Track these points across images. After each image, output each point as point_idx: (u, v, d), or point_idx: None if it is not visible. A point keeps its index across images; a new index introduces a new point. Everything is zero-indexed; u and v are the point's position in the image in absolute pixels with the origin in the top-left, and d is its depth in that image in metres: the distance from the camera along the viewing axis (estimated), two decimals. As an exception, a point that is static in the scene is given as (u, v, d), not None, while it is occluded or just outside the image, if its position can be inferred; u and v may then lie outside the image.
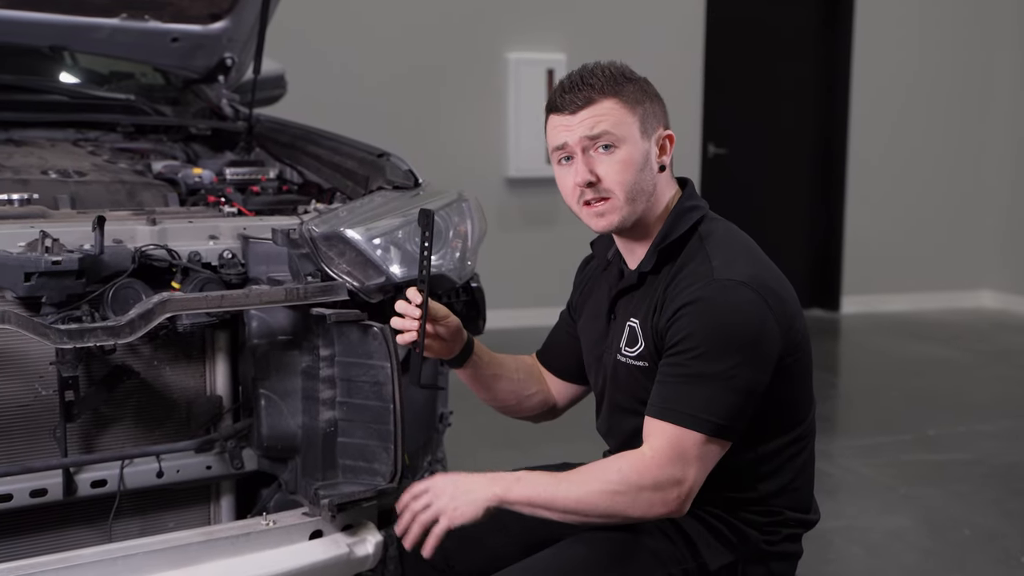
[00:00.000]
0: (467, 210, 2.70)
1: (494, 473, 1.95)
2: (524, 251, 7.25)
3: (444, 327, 2.16)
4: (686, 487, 1.86)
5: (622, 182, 1.97)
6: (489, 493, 1.91)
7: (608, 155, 1.97)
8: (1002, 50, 8.53)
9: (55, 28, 3.17)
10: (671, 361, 1.90)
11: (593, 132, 1.96)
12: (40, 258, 2.18)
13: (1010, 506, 4.21)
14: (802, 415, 2.07)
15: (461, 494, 1.92)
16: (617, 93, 1.97)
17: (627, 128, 1.97)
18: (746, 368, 1.87)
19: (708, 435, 1.85)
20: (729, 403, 1.86)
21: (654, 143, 2.01)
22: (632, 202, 1.98)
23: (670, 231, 2.02)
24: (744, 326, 1.88)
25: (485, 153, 7.38)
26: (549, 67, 7.44)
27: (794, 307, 1.99)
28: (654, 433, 1.88)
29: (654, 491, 1.84)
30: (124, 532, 2.42)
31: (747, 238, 2.06)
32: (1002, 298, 8.61)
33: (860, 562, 3.65)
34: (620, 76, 2.00)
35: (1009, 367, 6.71)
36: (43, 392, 2.31)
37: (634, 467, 1.86)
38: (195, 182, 2.91)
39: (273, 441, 2.45)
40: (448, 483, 1.94)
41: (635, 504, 1.86)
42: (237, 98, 3.51)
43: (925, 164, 8.52)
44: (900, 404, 5.77)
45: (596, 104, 1.97)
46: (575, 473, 1.92)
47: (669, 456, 1.85)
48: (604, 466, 1.90)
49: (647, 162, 2.00)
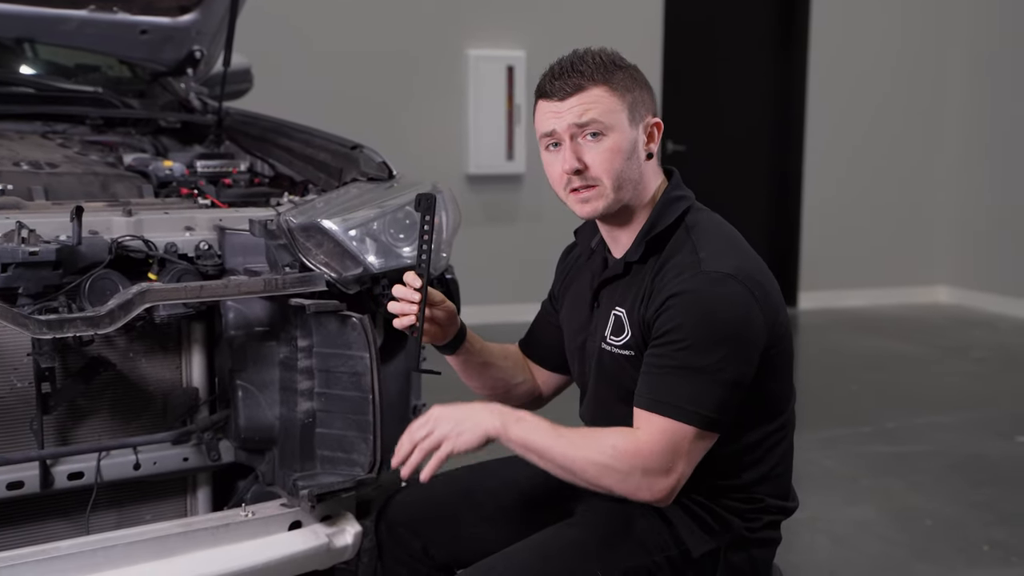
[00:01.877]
0: (442, 202, 2.70)
1: (495, 405, 1.95)
2: (484, 248, 7.27)
3: (442, 311, 2.17)
4: (674, 478, 1.87)
5: (609, 170, 1.98)
6: (491, 424, 1.91)
7: (596, 143, 1.98)
8: (954, 49, 8.65)
9: (22, 20, 3.14)
10: (659, 352, 1.91)
11: (581, 120, 1.97)
12: (17, 249, 2.17)
13: (970, 496, 4.27)
14: (783, 405, 2.09)
15: (464, 420, 1.91)
16: (607, 80, 1.98)
17: (615, 116, 1.98)
18: (733, 361, 1.88)
19: (699, 428, 1.87)
20: (717, 396, 1.87)
21: (642, 131, 2.02)
22: (618, 190, 1.99)
23: (657, 221, 2.03)
24: (731, 319, 1.89)
25: (445, 150, 7.38)
26: (509, 64, 7.46)
27: (777, 299, 2.01)
28: (646, 423, 1.89)
29: (643, 476, 1.86)
30: (101, 524, 2.40)
31: (732, 229, 2.07)
32: (957, 293, 8.73)
33: (826, 552, 3.69)
34: (610, 63, 2.00)
35: (965, 361, 6.81)
36: (18, 384, 2.29)
37: (628, 448, 1.86)
38: (166, 175, 2.89)
39: (251, 432, 2.44)
40: (450, 411, 1.93)
41: (623, 482, 1.87)
42: (206, 91, 3.49)
43: (880, 162, 8.62)
44: (859, 398, 5.84)
45: (585, 91, 1.97)
46: (573, 432, 1.91)
47: (662, 446, 1.86)
48: (599, 437, 1.90)
49: (635, 150, 2.01)
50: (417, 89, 7.32)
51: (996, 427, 5.25)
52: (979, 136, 8.54)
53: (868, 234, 8.65)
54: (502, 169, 7.54)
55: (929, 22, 8.64)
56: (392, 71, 7.22)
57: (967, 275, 8.67)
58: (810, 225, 8.50)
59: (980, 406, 5.68)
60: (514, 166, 7.54)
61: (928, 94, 8.72)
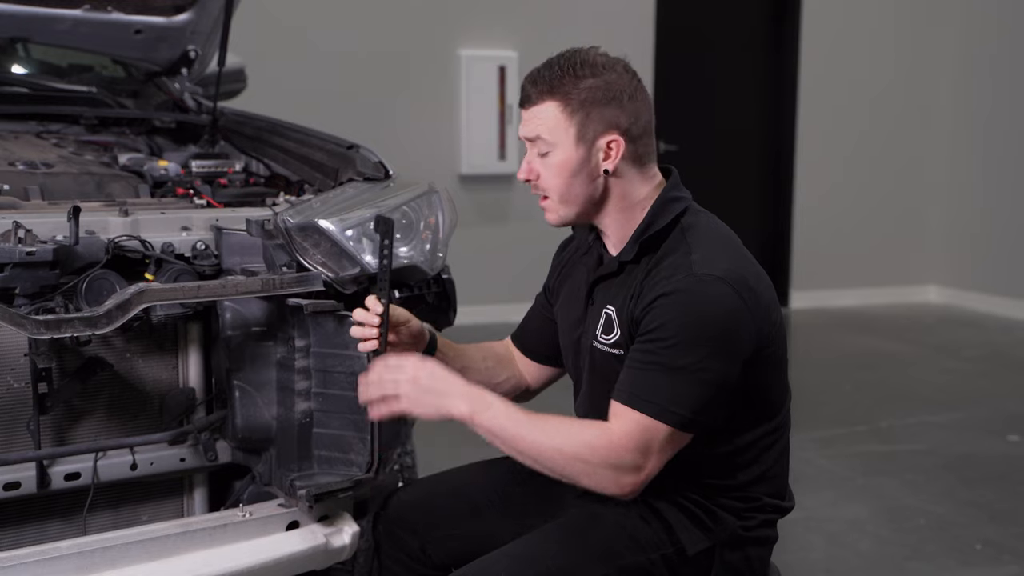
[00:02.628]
0: (437, 202, 2.70)
1: (470, 388, 1.94)
2: (476, 248, 7.25)
3: (406, 331, 2.16)
4: (643, 475, 1.87)
5: (554, 186, 2.00)
6: (458, 409, 1.92)
7: (543, 159, 2.00)
8: (945, 51, 8.67)
9: (16, 19, 3.11)
10: (642, 348, 1.91)
11: (530, 135, 2.01)
12: (14, 249, 2.16)
13: (963, 495, 4.29)
14: (779, 406, 2.09)
15: (433, 391, 1.93)
16: (562, 95, 1.96)
17: (559, 134, 1.97)
18: (716, 362, 1.87)
19: (674, 428, 1.87)
20: (696, 397, 1.87)
21: (596, 149, 1.99)
22: (567, 204, 2.02)
23: (652, 221, 2.02)
24: (717, 321, 1.88)
25: (437, 150, 7.39)
26: (501, 64, 7.47)
27: (769, 303, 1.99)
28: (622, 418, 1.88)
29: (612, 470, 1.86)
30: (97, 525, 2.39)
31: (728, 231, 2.06)
32: (947, 293, 8.76)
33: (820, 551, 3.70)
34: (573, 75, 1.96)
35: (956, 360, 6.83)
36: (15, 384, 2.28)
37: (600, 441, 1.86)
38: (161, 174, 2.88)
39: (248, 432, 2.43)
40: (424, 375, 1.94)
41: (590, 475, 1.87)
42: (200, 91, 3.48)
43: (871, 162, 8.65)
44: (852, 397, 5.86)
45: (537, 104, 1.99)
46: (543, 421, 1.91)
47: (636, 442, 1.86)
48: (571, 428, 1.91)
49: (583, 168, 1.99)
50: (409, 89, 7.32)
51: (988, 426, 5.27)
52: (969, 137, 8.57)
53: (859, 234, 8.67)
54: (494, 169, 7.55)
55: (920, 24, 8.66)
56: (384, 71, 7.22)
57: (957, 275, 8.69)
58: (801, 225, 8.53)
59: (972, 405, 5.71)
60: (506, 166, 7.54)
61: (919, 96, 8.74)
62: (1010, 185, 8.22)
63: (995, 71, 8.34)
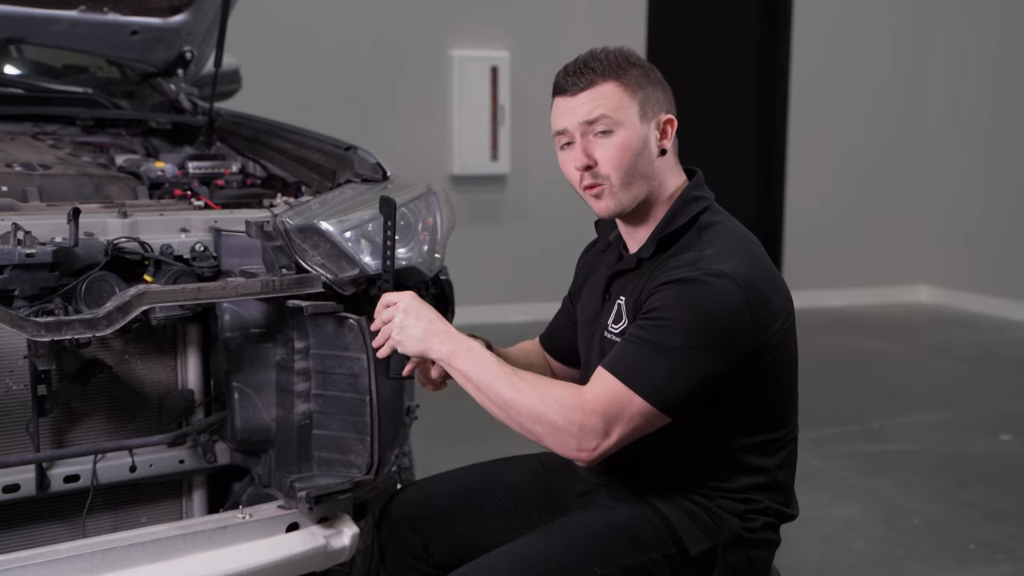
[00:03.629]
0: (435, 203, 2.71)
1: (455, 332, 2.01)
2: (469, 249, 7.23)
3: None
4: (605, 444, 1.87)
5: (618, 167, 1.99)
6: (439, 351, 2.00)
7: (606, 139, 1.99)
8: (937, 53, 8.69)
9: (11, 20, 3.11)
10: (639, 324, 1.93)
11: (591, 116, 1.99)
12: (13, 251, 2.15)
13: (956, 495, 4.30)
14: (787, 416, 2.10)
15: (421, 329, 2.02)
16: (618, 76, 2.00)
17: (625, 112, 2.00)
18: (707, 352, 1.88)
19: (649, 405, 1.87)
20: (678, 381, 1.88)
21: (654, 127, 2.04)
22: (627, 187, 2.01)
23: (672, 220, 2.04)
24: (716, 312, 1.89)
25: (429, 150, 7.38)
26: (493, 65, 7.47)
27: (778, 308, 1.99)
28: (600, 382, 1.90)
29: (576, 429, 1.87)
30: (96, 527, 2.39)
31: (747, 235, 2.07)
32: (938, 293, 8.79)
33: (816, 551, 3.71)
34: (624, 60, 2.03)
35: (947, 360, 6.85)
36: (14, 387, 2.27)
37: (571, 403, 1.87)
38: (158, 176, 2.88)
39: (247, 434, 2.43)
40: (414, 310, 2.04)
41: (553, 435, 1.89)
42: (196, 92, 3.48)
43: (862, 163, 8.67)
44: (844, 397, 5.87)
45: (596, 87, 2.00)
46: (519, 376, 1.94)
47: (605, 409, 1.86)
48: (543, 385, 1.93)
49: (645, 146, 2.02)
50: (401, 90, 7.32)
51: (981, 425, 5.29)
52: (960, 137, 8.59)
53: (850, 234, 8.69)
54: (487, 170, 7.55)
55: (912, 25, 8.68)
56: (376, 72, 7.22)
57: (948, 275, 8.71)
58: (792, 225, 8.54)
59: (964, 405, 5.72)
60: (499, 167, 7.54)
61: (910, 97, 8.76)
62: (1001, 185, 8.24)
63: (987, 73, 8.36)
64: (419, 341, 2.01)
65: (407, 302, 2.04)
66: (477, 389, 1.95)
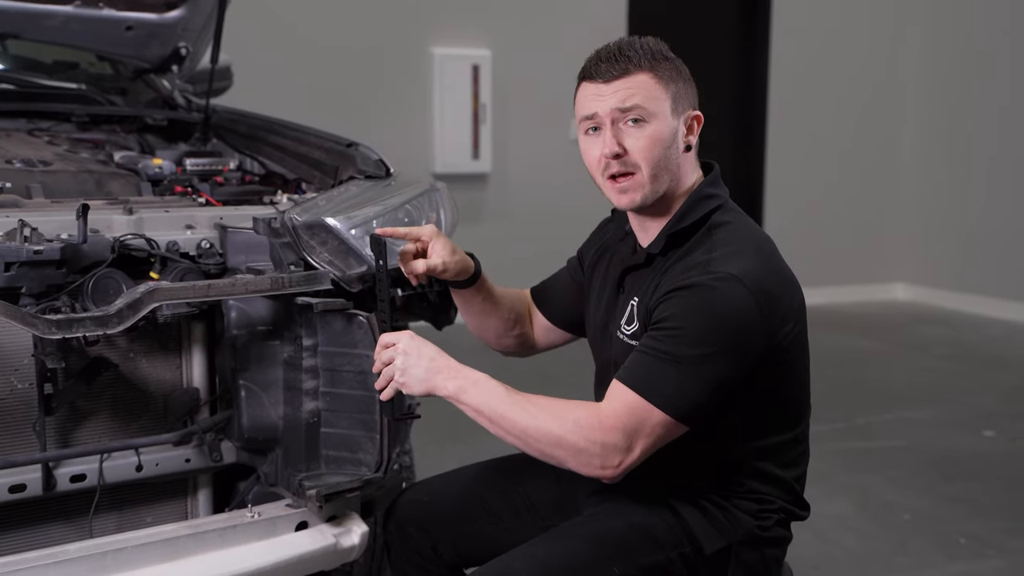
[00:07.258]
0: (439, 200, 2.70)
1: (458, 366, 1.96)
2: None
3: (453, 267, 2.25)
4: (629, 459, 1.86)
5: (648, 157, 1.97)
6: (445, 388, 1.94)
7: (637, 129, 1.97)
8: (912, 50, 8.76)
9: (5, 15, 3.06)
10: (651, 335, 1.91)
11: (625, 104, 1.96)
12: (21, 248, 2.12)
13: (944, 490, 4.33)
14: (800, 416, 2.10)
15: (423, 369, 1.96)
16: (653, 68, 1.99)
17: (658, 104, 1.98)
18: (720, 360, 1.86)
19: (668, 416, 1.86)
20: (694, 390, 1.86)
21: (683, 122, 2.02)
22: (655, 179, 1.99)
23: (684, 216, 2.03)
24: (727, 320, 1.87)
25: (411, 148, 7.36)
26: (474, 63, 7.46)
27: (788, 311, 1.98)
28: (618, 397, 1.88)
29: (598, 449, 1.84)
30: (102, 527, 2.37)
31: (760, 234, 2.06)
32: (914, 290, 8.85)
33: (809, 547, 3.72)
34: (658, 52, 2.01)
35: (927, 357, 6.90)
36: (19, 386, 2.24)
37: (590, 423, 1.85)
38: (155, 172, 2.85)
39: (254, 433, 2.41)
40: (414, 350, 1.98)
41: (576, 456, 1.86)
42: (190, 88, 3.45)
43: (839, 161, 8.73)
44: (828, 394, 5.87)
45: (631, 76, 1.97)
46: (529, 400, 1.90)
47: (625, 424, 1.84)
48: (558, 407, 1.89)
49: (674, 140, 2.00)
50: (382, 88, 7.30)
51: (964, 422, 5.34)
52: (936, 135, 8.66)
53: (827, 232, 8.74)
54: (468, 168, 7.54)
55: (888, 21, 8.74)
56: (357, 69, 7.19)
57: (923, 273, 8.78)
58: (770, 222, 8.57)
59: (946, 402, 5.77)
60: (480, 165, 7.54)
61: (886, 94, 8.82)
62: (976, 183, 8.31)
63: (963, 71, 8.43)
64: (423, 381, 1.95)
65: (406, 342, 1.98)
66: (490, 422, 1.90)
